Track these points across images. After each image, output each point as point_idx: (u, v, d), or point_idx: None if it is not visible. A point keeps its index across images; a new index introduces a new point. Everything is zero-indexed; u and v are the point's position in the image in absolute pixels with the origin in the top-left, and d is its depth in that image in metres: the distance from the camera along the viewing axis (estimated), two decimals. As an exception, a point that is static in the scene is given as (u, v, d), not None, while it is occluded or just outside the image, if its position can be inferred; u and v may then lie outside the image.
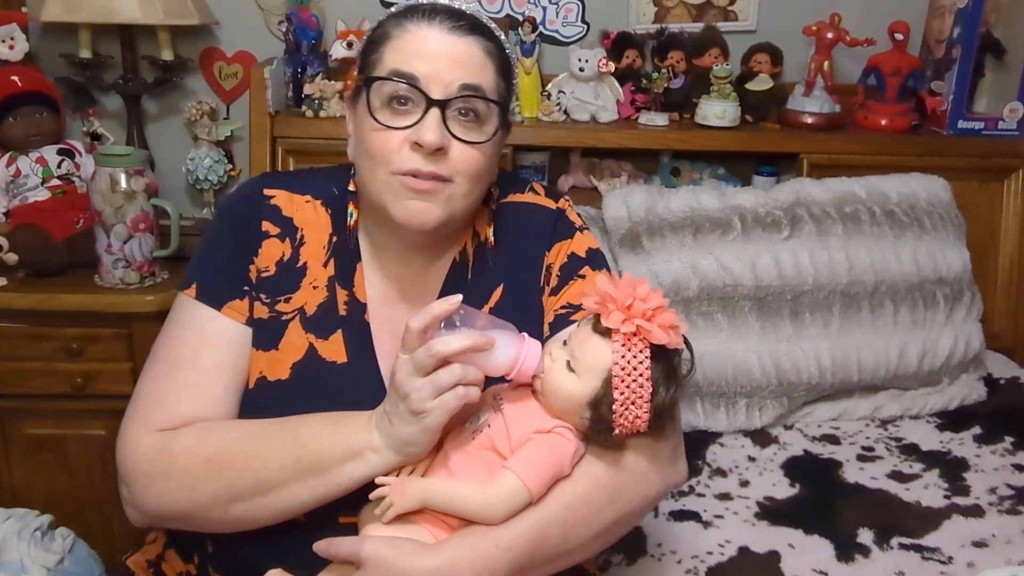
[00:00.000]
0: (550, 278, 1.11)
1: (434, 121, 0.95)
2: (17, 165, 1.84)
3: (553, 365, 0.92)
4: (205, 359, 1.01)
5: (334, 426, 0.94)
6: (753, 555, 1.34)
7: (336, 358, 1.04)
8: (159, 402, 1.01)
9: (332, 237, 1.08)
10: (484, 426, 0.93)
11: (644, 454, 0.98)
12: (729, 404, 1.71)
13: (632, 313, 0.88)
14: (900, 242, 1.83)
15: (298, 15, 1.97)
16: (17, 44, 1.87)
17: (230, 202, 1.11)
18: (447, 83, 0.96)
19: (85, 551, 1.52)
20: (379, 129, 0.97)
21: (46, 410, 1.78)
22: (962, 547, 1.37)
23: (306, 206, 1.09)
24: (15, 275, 1.77)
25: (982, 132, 2.08)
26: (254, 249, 1.05)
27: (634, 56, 2.11)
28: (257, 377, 1.03)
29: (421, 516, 0.91)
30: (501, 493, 0.89)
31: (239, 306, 1.04)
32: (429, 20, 0.98)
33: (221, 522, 0.97)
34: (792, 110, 2.09)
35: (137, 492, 0.98)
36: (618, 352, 0.88)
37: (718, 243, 1.75)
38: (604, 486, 0.95)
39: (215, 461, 0.95)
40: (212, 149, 2.04)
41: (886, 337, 1.78)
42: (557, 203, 1.16)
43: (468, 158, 0.98)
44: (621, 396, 0.89)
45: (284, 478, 0.93)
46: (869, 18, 2.12)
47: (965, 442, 1.71)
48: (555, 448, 0.92)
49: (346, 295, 1.07)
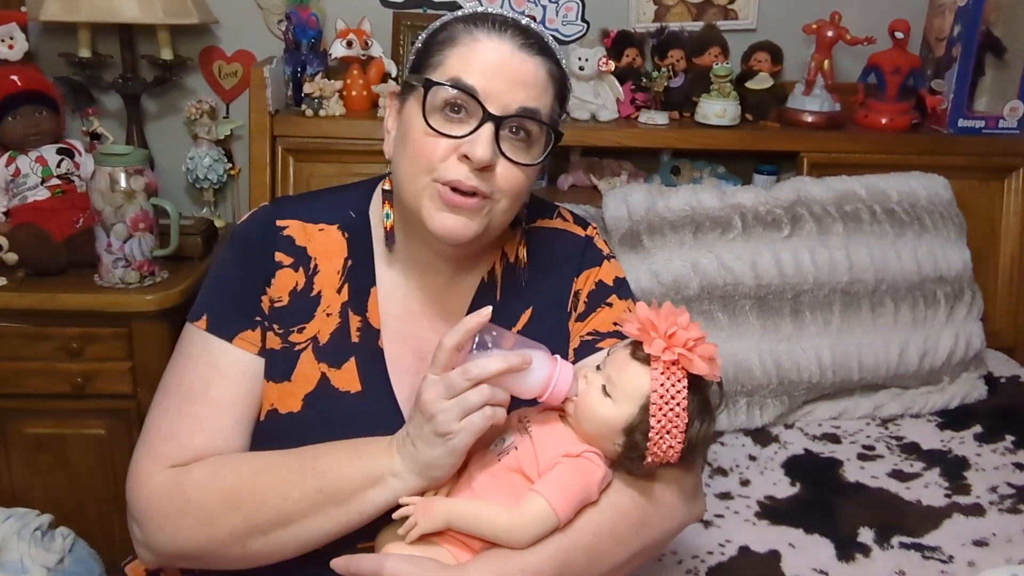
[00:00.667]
0: (577, 304, 1.10)
1: (487, 136, 0.93)
2: (17, 164, 1.84)
3: (588, 389, 0.91)
4: (217, 392, 0.98)
5: (354, 453, 0.92)
6: (754, 554, 1.34)
7: (349, 387, 1.01)
8: (170, 437, 0.97)
9: (347, 262, 1.05)
10: (511, 448, 0.92)
11: (671, 487, 0.97)
12: (729, 403, 1.71)
13: (673, 342, 0.88)
14: (900, 241, 1.83)
15: (297, 14, 1.97)
16: (16, 43, 1.87)
17: (242, 232, 1.07)
18: (507, 102, 0.94)
19: (85, 551, 1.52)
20: (430, 135, 0.94)
21: (46, 410, 1.78)
22: (963, 546, 1.37)
23: (319, 234, 1.06)
24: (15, 275, 1.76)
25: (982, 131, 2.08)
26: (267, 280, 1.02)
27: (634, 55, 2.10)
28: (268, 410, 1.00)
29: (443, 538, 0.90)
30: (528, 517, 0.88)
31: (251, 337, 1.01)
32: (500, 33, 0.95)
33: (240, 558, 0.94)
34: (792, 109, 2.09)
35: (150, 531, 0.95)
36: (657, 380, 0.88)
37: (718, 242, 1.75)
38: (631, 517, 0.94)
39: (232, 495, 0.92)
40: (212, 148, 2.04)
41: (886, 336, 1.78)
42: (586, 231, 1.16)
43: (512, 177, 0.96)
44: (657, 424, 0.88)
45: (305, 509, 0.91)
46: (869, 16, 2.12)
47: (966, 441, 1.71)
48: (584, 473, 0.91)
49: (359, 321, 1.04)
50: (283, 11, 2.02)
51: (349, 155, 1.93)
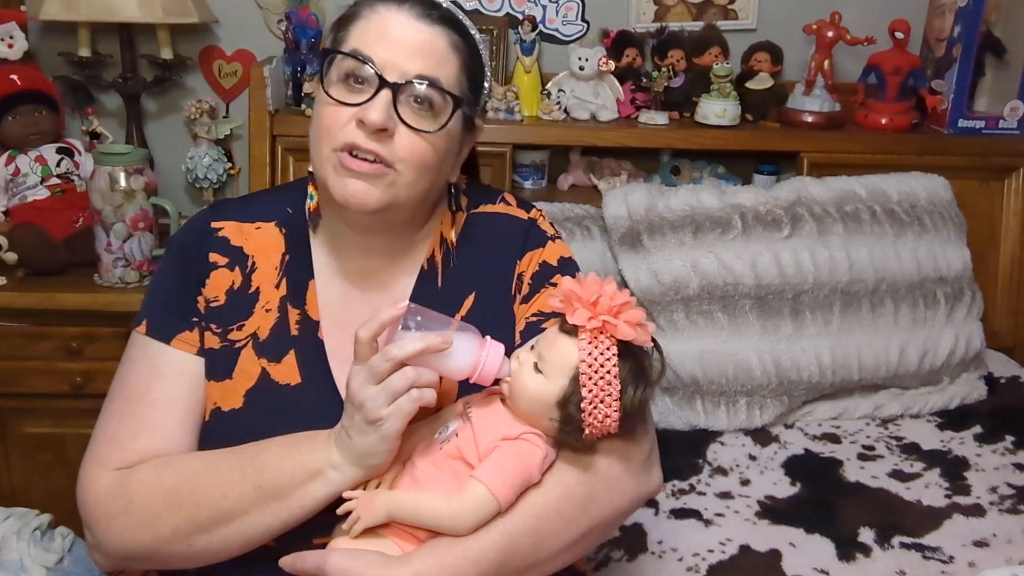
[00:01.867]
0: (521, 286, 1.09)
1: (382, 102, 0.93)
2: (16, 164, 1.84)
3: (520, 368, 0.90)
4: (158, 394, 1.00)
5: (292, 448, 0.93)
6: (754, 554, 1.34)
7: (289, 380, 1.02)
8: (115, 440, 0.99)
9: (285, 256, 1.07)
10: (452, 436, 0.92)
11: (617, 460, 0.96)
12: (730, 403, 1.71)
13: (598, 310, 0.87)
14: (901, 241, 1.83)
15: (297, 14, 1.97)
16: (16, 43, 1.87)
17: (177, 237, 1.10)
18: (404, 70, 0.94)
19: (84, 550, 1.52)
20: (330, 104, 0.96)
21: (46, 409, 1.78)
22: (963, 546, 1.37)
23: (256, 233, 1.07)
24: (15, 274, 1.77)
25: (982, 131, 2.08)
26: (202, 280, 1.04)
27: (634, 55, 2.10)
28: (212, 409, 1.01)
29: (388, 529, 0.90)
30: (468, 503, 0.88)
31: (189, 337, 1.02)
32: (399, 4, 0.97)
33: (186, 556, 0.95)
34: (792, 109, 2.09)
35: (99, 533, 0.97)
36: (584, 349, 0.87)
37: (718, 242, 1.75)
38: (576, 495, 0.93)
39: (174, 494, 0.93)
40: (211, 148, 2.04)
41: (887, 336, 1.78)
42: (529, 213, 1.15)
43: (414, 146, 0.96)
44: (589, 394, 0.87)
45: (245, 506, 0.92)
46: (869, 16, 2.12)
47: (966, 441, 1.71)
48: (523, 455, 0.90)
49: (298, 314, 1.04)
50: (283, 11, 2.02)
51: (349, 155, 1.92)
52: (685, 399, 1.72)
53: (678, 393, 1.73)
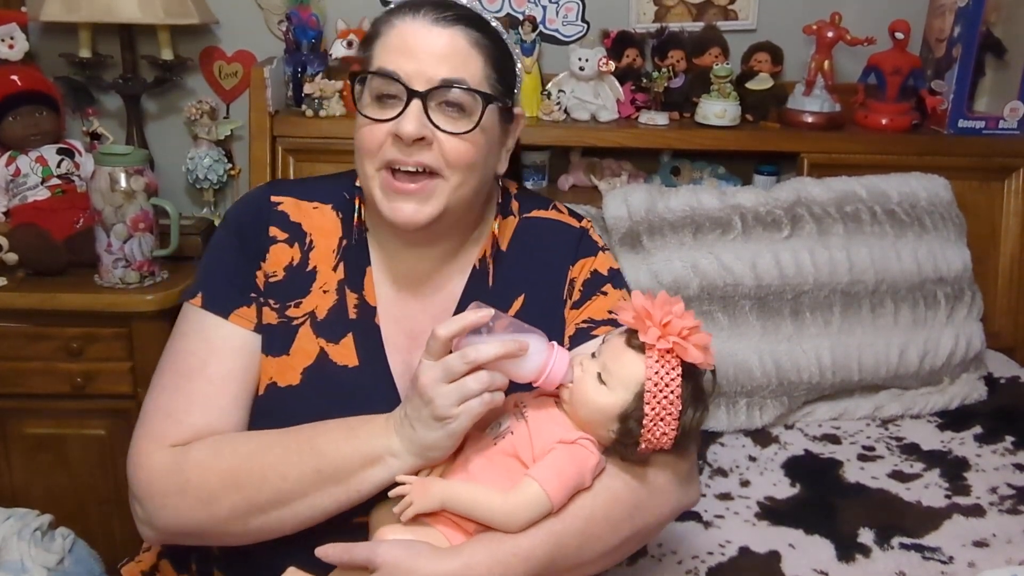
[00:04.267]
0: (572, 292, 1.11)
1: (414, 112, 0.96)
2: (17, 164, 1.84)
3: (584, 376, 0.92)
4: (214, 369, 1.00)
5: (351, 432, 0.94)
6: (754, 555, 1.33)
7: (347, 362, 1.03)
8: (169, 415, 0.99)
9: (342, 241, 1.08)
10: (507, 432, 0.93)
11: (663, 472, 0.99)
12: (729, 403, 1.71)
13: (668, 331, 0.89)
14: (901, 241, 1.83)
15: (298, 14, 1.97)
16: (17, 43, 1.87)
17: (236, 210, 1.10)
18: (429, 78, 0.96)
19: (85, 551, 1.52)
20: (366, 124, 0.99)
21: (46, 410, 1.78)
22: (963, 547, 1.37)
23: (314, 212, 1.08)
24: (15, 275, 1.77)
25: (983, 131, 2.08)
26: (261, 254, 1.05)
27: (634, 55, 2.10)
28: (267, 383, 1.02)
29: (436, 519, 0.91)
30: (523, 501, 0.89)
31: (247, 313, 1.02)
32: (414, 14, 0.98)
33: (241, 535, 0.96)
34: (792, 109, 2.09)
35: (151, 509, 0.96)
36: (652, 368, 0.89)
37: (718, 242, 1.75)
38: (624, 501, 0.95)
39: (232, 475, 0.94)
40: (212, 148, 2.04)
41: (887, 336, 1.78)
42: (580, 222, 1.17)
43: (457, 148, 0.98)
44: (652, 411, 0.89)
45: (304, 488, 0.93)
46: (869, 17, 2.11)
47: (966, 442, 1.71)
48: (578, 459, 0.92)
49: (356, 298, 1.06)
50: (283, 11, 2.02)
51: (349, 155, 1.86)
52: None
53: (678, 394, 1.72)
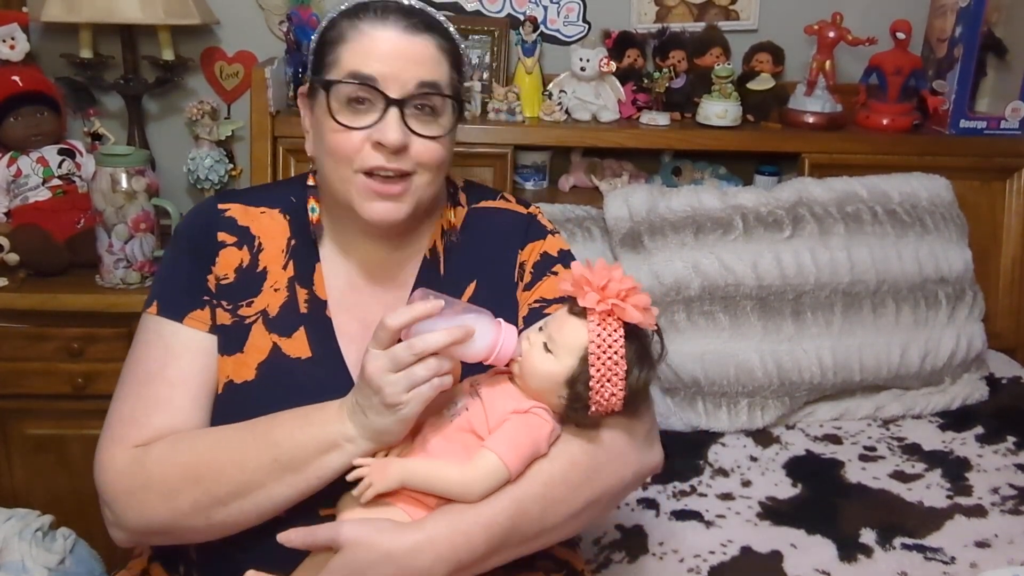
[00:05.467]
0: (523, 274, 1.14)
1: (394, 120, 0.98)
2: (18, 165, 1.84)
3: (531, 348, 0.94)
4: (172, 372, 1.03)
5: (305, 421, 0.96)
6: (755, 555, 1.34)
7: (300, 354, 1.06)
8: (131, 419, 1.01)
9: (291, 241, 1.11)
10: (462, 410, 0.95)
11: (620, 434, 1.00)
12: (731, 404, 1.71)
13: (607, 294, 0.91)
14: (902, 242, 1.83)
15: (299, 15, 1.97)
16: (18, 44, 1.87)
17: (185, 220, 1.14)
18: (404, 82, 0.99)
19: (86, 551, 1.52)
20: (340, 131, 1.00)
21: (47, 410, 1.78)
22: (964, 547, 1.37)
23: (262, 216, 1.11)
24: (16, 275, 1.77)
25: (984, 131, 2.08)
26: (211, 258, 1.07)
27: (635, 55, 2.10)
28: (225, 382, 1.04)
29: (397, 497, 0.93)
30: (480, 471, 0.91)
31: (201, 316, 1.05)
32: (383, 20, 1.00)
33: (205, 529, 0.97)
34: (793, 110, 2.09)
35: (118, 509, 0.99)
36: (594, 331, 0.91)
37: (719, 243, 1.75)
38: (581, 464, 0.97)
39: (191, 469, 0.96)
40: (213, 149, 2.04)
41: (888, 337, 1.77)
42: (528, 209, 1.20)
43: (429, 150, 1.01)
44: (597, 373, 0.91)
45: (262, 479, 0.95)
46: (871, 17, 2.11)
47: (967, 442, 1.71)
48: (532, 428, 0.94)
49: (306, 294, 1.09)
50: (284, 12, 2.02)
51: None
52: (686, 400, 1.72)
53: (679, 394, 1.72)
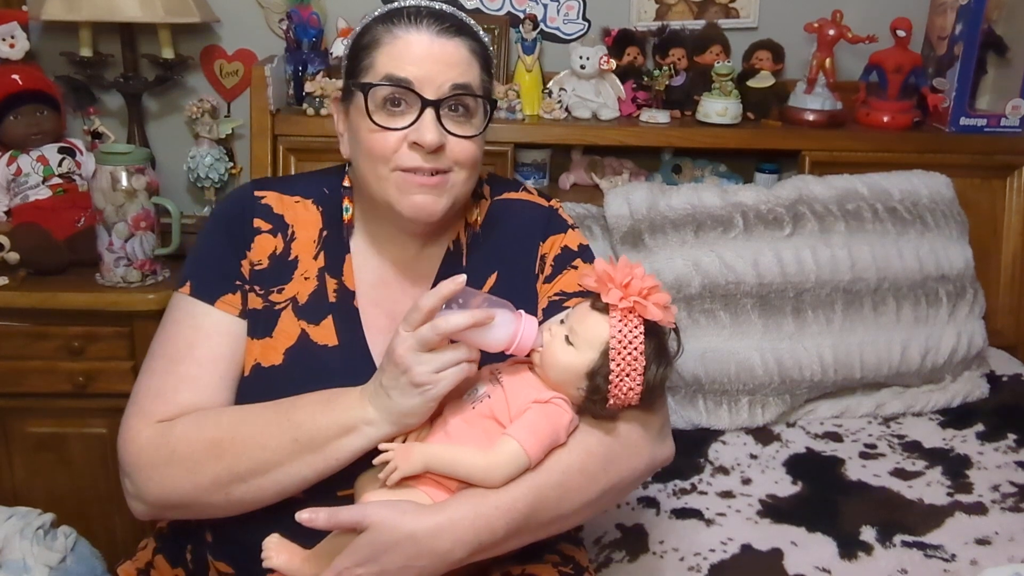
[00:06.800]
0: (544, 267, 1.16)
1: (430, 121, 1.01)
2: (18, 164, 1.84)
3: (553, 339, 0.97)
4: (201, 351, 1.05)
5: (327, 404, 0.98)
6: (756, 553, 1.34)
7: (327, 341, 1.08)
8: (158, 395, 1.04)
9: (322, 232, 1.13)
10: (484, 397, 0.98)
11: (635, 426, 1.04)
12: (731, 402, 1.71)
13: (629, 291, 0.94)
14: (902, 239, 1.83)
15: (299, 13, 1.97)
16: (18, 43, 1.87)
17: (222, 205, 1.16)
18: (439, 85, 1.02)
19: (87, 549, 1.52)
20: (377, 131, 1.02)
21: (47, 409, 1.78)
22: (965, 545, 1.37)
23: (296, 205, 1.14)
24: (16, 274, 1.77)
25: (984, 129, 2.08)
26: (247, 244, 1.10)
27: (635, 53, 2.10)
28: (252, 365, 1.07)
29: (419, 481, 0.95)
30: (502, 458, 0.94)
31: (232, 300, 1.08)
32: (417, 25, 1.03)
33: (224, 504, 1.00)
34: (794, 107, 2.08)
35: (140, 482, 1.01)
36: (615, 327, 0.94)
37: (720, 240, 1.75)
38: (598, 455, 1.00)
39: (214, 445, 0.98)
40: (213, 147, 2.04)
41: (888, 334, 1.78)
42: (549, 202, 1.23)
43: (465, 150, 1.04)
44: (617, 368, 0.94)
45: (282, 458, 0.97)
46: (871, 15, 2.11)
47: (968, 439, 1.71)
48: (552, 417, 0.97)
49: (335, 283, 1.11)
50: (284, 10, 2.02)
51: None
52: (687, 398, 1.72)
53: (680, 392, 1.72)
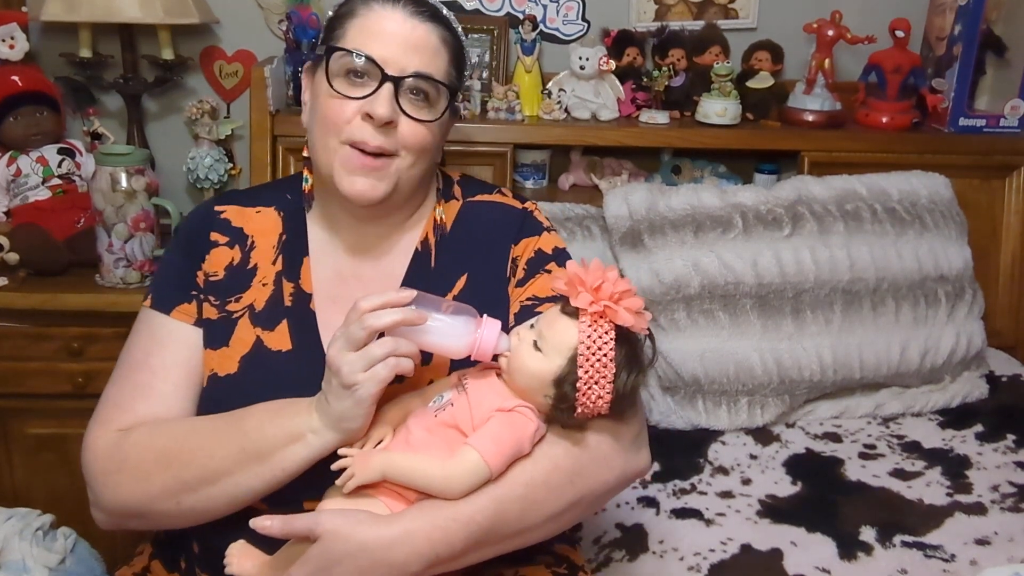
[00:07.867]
0: (516, 270, 1.14)
1: (387, 95, 1.01)
2: (18, 164, 1.84)
3: (520, 344, 0.94)
4: (156, 360, 1.07)
5: (275, 413, 0.98)
6: (755, 553, 1.34)
7: (281, 347, 1.08)
8: (117, 404, 1.06)
9: (282, 236, 1.14)
10: (447, 405, 0.95)
11: (606, 437, 1.00)
12: (731, 402, 1.71)
13: (600, 295, 0.90)
14: (901, 240, 1.83)
15: (298, 14, 1.97)
16: (17, 44, 1.87)
17: (184, 220, 1.19)
18: (403, 66, 1.02)
19: (87, 551, 1.52)
20: (335, 97, 1.02)
21: (47, 409, 1.78)
22: (964, 545, 1.37)
23: (256, 216, 1.15)
24: (16, 275, 1.77)
25: (983, 129, 2.08)
26: (202, 256, 1.11)
27: (635, 54, 2.10)
28: (209, 375, 1.07)
29: (379, 490, 0.93)
30: (461, 468, 0.91)
31: (188, 309, 1.09)
32: (394, 3, 1.04)
33: (176, 514, 1.00)
34: (793, 108, 2.09)
35: (96, 490, 1.03)
36: (584, 332, 0.90)
37: (719, 241, 1.75)
38: (564, 467, 0.97)
39: (164, 454, 0.99)
40: (213, 148, 2.04)
41: (888, 335, 1.78)
42: (523, 204, 1.20)
43: (416, 133, 1.04)
44: (585, 375, 0.90)
45: (229, 467, 0.96)
46: (870, 15, 2.12)
47: (967, 440, 1.71)
48: (516, 427, 0.94)
49: (292, 287, 1.11)
50: (283, 11, 2.02)
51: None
52: (686, 398, 1.72)
53: (679, 392, 1.73)
